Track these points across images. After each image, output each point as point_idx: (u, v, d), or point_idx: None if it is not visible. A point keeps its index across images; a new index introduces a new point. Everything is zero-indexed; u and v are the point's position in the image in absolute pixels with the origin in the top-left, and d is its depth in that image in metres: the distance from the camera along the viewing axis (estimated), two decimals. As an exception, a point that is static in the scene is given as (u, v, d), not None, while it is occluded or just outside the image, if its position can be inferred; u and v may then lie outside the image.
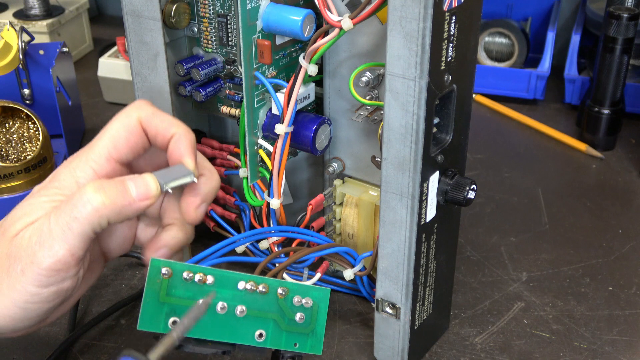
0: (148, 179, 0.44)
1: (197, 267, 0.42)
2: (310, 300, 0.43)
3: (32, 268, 0.41)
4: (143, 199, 0.43)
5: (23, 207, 0.44)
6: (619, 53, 0.78)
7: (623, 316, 0.59)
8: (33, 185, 0.70)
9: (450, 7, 0.43)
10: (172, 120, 0.46)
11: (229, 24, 0.54)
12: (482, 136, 0.87)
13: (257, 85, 0.54)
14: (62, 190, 0.44)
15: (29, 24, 0.98)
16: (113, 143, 0.45)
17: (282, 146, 0.53)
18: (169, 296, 0.41)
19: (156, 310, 0.41)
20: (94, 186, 0.42)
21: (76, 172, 0.45)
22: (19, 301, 0.42)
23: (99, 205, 0.42)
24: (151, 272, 0.41)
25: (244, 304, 0.42)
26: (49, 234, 0.41)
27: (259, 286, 0.42)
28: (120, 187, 0.43)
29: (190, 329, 0.41)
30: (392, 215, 0.48)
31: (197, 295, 0.41)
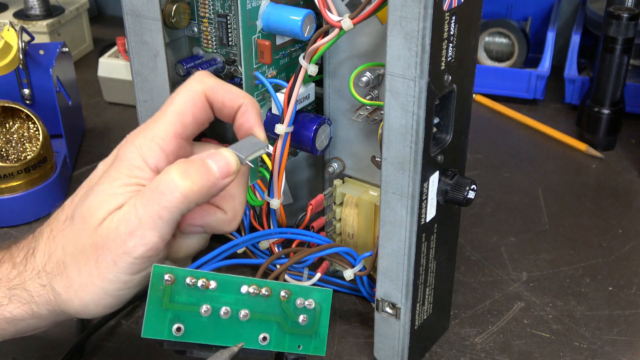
0: (227, 154, 0.43)
1: (200, 272, 0.42)
2: (312, 302, 0.43)
3: (125, 258, 0.41)
4: (225, 176, 0.43)
5: (98, 194, 0.43)
6: (619, 53, 0.78)
7: (623, 316, 0.59)
8: (33, 185, 0.70)
9: (450, 7, 0.43)
10: (238, 90, 0.45)
11: (229, 24, 0.54)
12: (482, 136, 0.87)
13: (257, 85, 0.54)
14: (132, 171, 0.43)
15: (29, 24, 0.98)
16: (180, 119, 0.44)
17: (282, 146, 0.53)
18: (172, 302, 0.41)
19: (160, 317, 0.41)
20: (179, 172, 0.41)
21: (143, 150, 0.43)
22: (111, 290, 0.42)
23: (187, 191, 0.41)
24: (154, 279, 0.41)
25: (247, 307, 0.42)
26: (138, 223, 0.41)
27: (262, 289, 0.42)
28: (204, 169, 0.42)
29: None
30: (392, 215, 0.48)
31: (201, 301, 0.41)
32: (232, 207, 0.46)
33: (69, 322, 0.58)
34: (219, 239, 0.64)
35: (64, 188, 0.75)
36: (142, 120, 0.58)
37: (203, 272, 0.42)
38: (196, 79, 0.45)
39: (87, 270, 0.42)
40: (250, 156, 0.44)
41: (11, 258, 0.45)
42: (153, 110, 0.56)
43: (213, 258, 0.51)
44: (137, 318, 0.58)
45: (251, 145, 0.44)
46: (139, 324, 0.58)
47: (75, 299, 0.43)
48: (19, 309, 0.44)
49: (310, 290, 0.43)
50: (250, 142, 0.44)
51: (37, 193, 0.71)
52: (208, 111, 0.45)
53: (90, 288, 0.42)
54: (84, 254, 0.42)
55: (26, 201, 0.70)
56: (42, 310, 0.44)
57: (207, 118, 0.45)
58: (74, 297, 0.43)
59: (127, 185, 0.43)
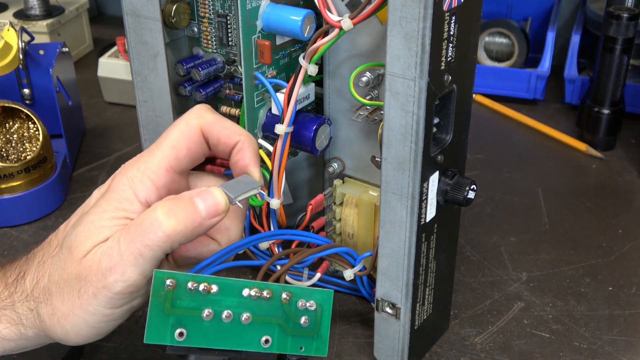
0: (216, 193, 0.42)
1: (201, 276, 0.42)
2: (314, 303, 0.43)
3: (104, 292, 0.41)
4: (212, 216, 0.42)
5: (86, 225, 0.43)
6: (619, 53, 0.78)
7: (623, 316, 0.59)
8: (33, 185, 0.70)
9: (450, 7, 0.43)
10: (234, 127, 0.45)
11: (229, 24, 0.54)
12: (482, 136, 0.87)
13: (257, 85, 0.54)
14: (121, 203, 0.43)
15: (29, 24, 0.98)
16: (174, 153, 0.44)
17: (282, 146, 0.53)
18: (174, 308, 0.41)
19: (162, 322, 0.41)
20: (164, 210, 0.41)
21: (134, 183, 0.43)
22: (92, 321, 0.42)
23: (171, 231, 0.41)
24: (155, 284, 0.40)
25: (249, 310, 0.42)
26: (119, 259, 0.41)
27: (263, 292, 0.42)
28: (191, 208, 0.41)
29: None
30: (392, 215, 0.48)
31: (202, 305, 0.41)
32: (227, 239, 0.46)
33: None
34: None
35: (64, 188, 0.75)
36: (142, 120, 0.58)
37: (204, 277, 0.42)
38: (194, 113, 0.45)
39: (69, 300, 0.42)
40: (241, 196, 0.43)
41: (4, 277, 0.45)
42: (153, 110, 0.56)
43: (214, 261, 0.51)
44: (137, 318, 0.58)
45: (244, 184, 0.44)
46: (139, 324, 0.58)
47: (58, 326, 0.43)
48: (8, 329, 0.44)
49: (311, 291, 0.43)
50: (243, 181, 0.44)
51: (37, 193, 0.71)
52: (204, 146, 0.45)
53: (72, 318, 0.42)
54: (68, 284, 0.42)
55: (26, 201, 0.70)
56: (29, 333, 0.44)
57: (202, 152, 0.45)
58: (57, 324, 0.43)
59: (114, 218, 0.42)
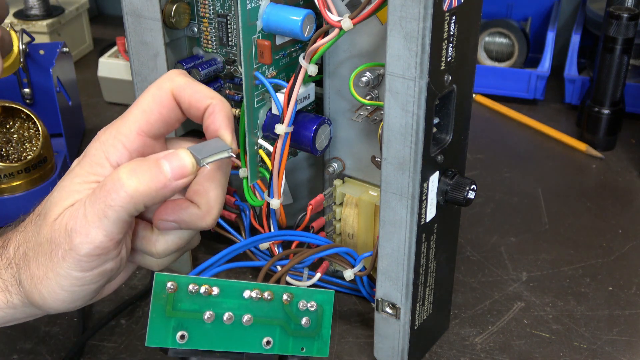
0: (183, 155, 0.42)
1: (202, 278, 0.42)
2: (314, 304, 0.43)
3: (72, 254, 0.41)
4: (178, 178, 0.42)
5: (60, 190, 0.43)
6: (619, 53, 0.78)
7: (623, 316, 0.59)
8: (33, 185, 0.70)
9: (450, 7, 0.43)
10: (206, 90, 0.44)
11: (229, 24, 0.54)
12: (482, 136, 0.87)
13: (257, 85, 0.54)
14: (93, 167, 0.43)
15: (29, 24, 0.98)
16: (145, 117, 0.43)
17: (282, 146, 0.53)
18: (175, 310, 0.41)
19: (163, 325, 0.41)
20: (127, 171, 0.41)
21: (106, 147, 0.43)
22: (65, 285, 0.42)
23: (133, 191, 0.40)
24: (156, 287, 0.40)
25: (250, 312, 0.42)
26: (84, 221, 0.41)
27: (264, 293, 0.42)
28: (155, 170, 0.41)
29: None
30: (392, 215, 0.48)
31: (204, 308, 0.41)
32: (206, 201, 0.45)
33: (68, 322, 0.58)
34: (218, 239, 0.64)
35: (64, 188, 0.74)
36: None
37: (205, 279, 0.42)
38: (166, 77, 0.44)
39: (43, 264, 0.42)
40: (209, 158, 0.42)
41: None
42: (153, 110, 0.56)
43: (214, 263, 0.51)
44: (137, 318, 0.58)
45: (214, 147, 0.43)
46: (139, 324, 0.58)
47: (35, 291, 0.43)
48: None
49: (312, 292, 0.43)
50: (213, 145, 0.43)
51: (37, 193, 0.71)
52: (176, 110, 0.44)
53: (46, 281, 0.42)
54: (41, 248, 0.42)
55: (26, 201, 0.70)
56: (15, 300, 0.44)
57: (175, 117, 0.45)
58: (34, 289, 0.43)
59: (85, 182, 0.43)
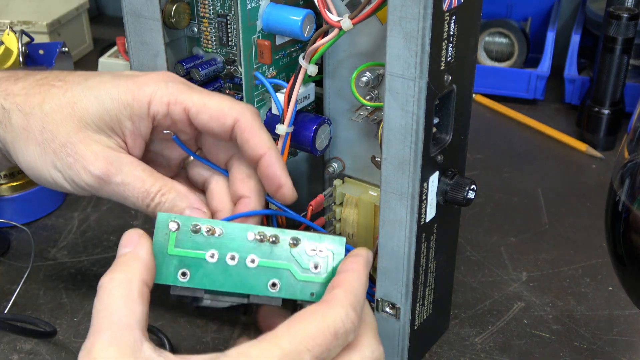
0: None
1: (205, 219, 0.42)
2: (324, 249, 0.42)
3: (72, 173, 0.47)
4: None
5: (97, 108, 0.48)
6: (619, 53, 0.78)
7: (623, 316, 0.59)
8: (33, 185, 0.70)
9: (450, 7, 0.43)
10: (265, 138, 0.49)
11: (229, 24, 0.54)
12: (482, 136, 0.87)
13: (257, 85, 0.54)
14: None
15: (29, 24, 0.98)
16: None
17: (282, 146, 0.53)
18: (177, 248, 0.41)
19: (166, 263, 0.41)
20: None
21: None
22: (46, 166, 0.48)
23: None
24: (158, 225, 0.41)
25: (255, 254, 0.41)
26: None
27: (270, 237, 0.42)
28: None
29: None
30: (392, 215, 0.48)
31: (206, 247, 0.41)
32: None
33: (68, 322, 0.58)
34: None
35: (64, 188, 0.75)
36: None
37: (208, 220, 0.42)
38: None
39: (47, 139, 0.47)
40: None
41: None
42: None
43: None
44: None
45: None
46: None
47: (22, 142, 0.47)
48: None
49: (321, 237, 0.43)
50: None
51: (37, 193, 0.71)
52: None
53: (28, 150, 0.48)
54: (56, 129, 0.47)
55: (26, 201, 0.70)
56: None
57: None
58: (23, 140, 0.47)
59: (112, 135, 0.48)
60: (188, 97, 0.47)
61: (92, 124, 0.47)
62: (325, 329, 0.36)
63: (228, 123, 0.47)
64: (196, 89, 0.49)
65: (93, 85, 0.47)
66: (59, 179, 0.47)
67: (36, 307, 0.60)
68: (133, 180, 0.47)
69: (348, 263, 0.41)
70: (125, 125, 0.47)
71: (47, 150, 0.47)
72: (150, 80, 0.48)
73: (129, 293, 0.36)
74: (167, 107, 0.47)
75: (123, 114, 0.47)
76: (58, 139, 0.46)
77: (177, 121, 0.48)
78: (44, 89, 0.47)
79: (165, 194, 0.47)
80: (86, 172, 0.46)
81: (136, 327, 0.35)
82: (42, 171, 0.47)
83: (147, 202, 0.47)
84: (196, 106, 0.47)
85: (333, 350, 0.37)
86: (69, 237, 0.68)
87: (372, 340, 0.40)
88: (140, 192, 0.47)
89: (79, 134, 0.46)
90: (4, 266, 0.65)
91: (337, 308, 0.37)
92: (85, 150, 0.46)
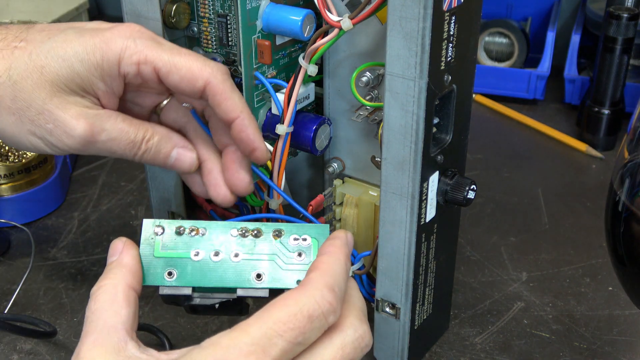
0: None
1: (189, 221, 0.43)
2: (308, 238, 0.43)
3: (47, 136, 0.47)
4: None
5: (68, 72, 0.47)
6: (619, 53, 0.78)
7: (623, 316, 0.59)
8: (33, 185, 0.70)
9: (450, 7, 0.43)
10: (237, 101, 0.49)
11: (229, 24, 0.54)
12: (482, 136, 0.87)
13: (257, 85, 0.54)
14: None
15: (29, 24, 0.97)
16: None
17: (282, 146, 0.53)
18: (163, 251, 0.42)
19: (153, 265, 0.42)
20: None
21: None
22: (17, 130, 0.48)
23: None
24: (144, 233, 0.42)
25: (239, 249, 0.42)
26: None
27: (253, 231, 0.42)
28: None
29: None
30: (392, 215, 0.48)
31: (190, 247, 0.42)
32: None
33: (68, 322, 0.58)
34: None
35: (64, 188, 0.75)
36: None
37: (191, 221, 0.43)
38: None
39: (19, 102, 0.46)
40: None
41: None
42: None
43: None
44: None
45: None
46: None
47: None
48: None
49: (304, 227, 0.43)
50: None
51: (37, 193, 0.71)
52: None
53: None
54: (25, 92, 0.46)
55: (26, 201, 0.70)
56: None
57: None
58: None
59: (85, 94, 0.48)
60: (158, 57, 0.46)
61: (64, 87, 0.46)
62: (298, 312, 0.36)
63: (199, 85, 0.47)
64: (166, 45, 0.48)
65: (57, 45, 0.46)
66: (39, 145, 0.47)
67: (36, 307, 0.60)
68: (118, 135, 0.47)
69: (325, 246, 0.41)
70: (98, 86, 0.47)
71: (23, 119, 0.46)
72: (117, 35, 0.46)
73: (114, 297, 0.38)
74: (137, 66, 0.46)
75: (94, 75, 0.46)
76: (33, 107, 0.46)
77: (147, 80, 0.48)
78: (6, 52, 0.46)
79: (149, 140, 0.48)
80: (69, 136, 0.46)
81: (120, 328, 0.37)
82: (20, 139, 0.47)
83: (134, 152, 0.48)
84: (166, 66, 0.47)
85: (310, 333, 0.36)
86: (69, 237, 0.68)
87: (355, 320, 0.39)
88: (126, 144, 0.48)
89: (53, 99, 0.46)
90: (4, 266, 0.65)
91: (311, 290, 0.37)
92: (65, 115, 0.46)
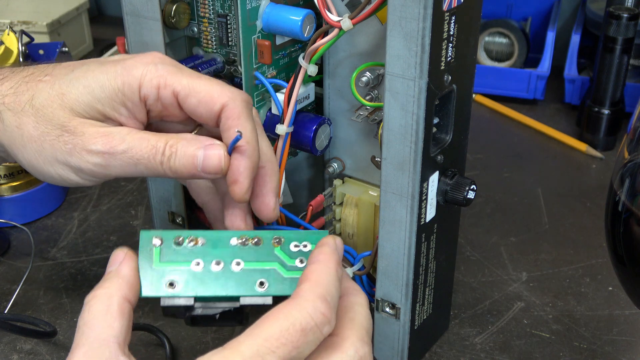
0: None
1: (187, 231, 0.42)
2: (308, 244, 0.42)
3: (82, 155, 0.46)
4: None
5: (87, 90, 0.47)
6: (619, 53, 0.78)
7: (623, 316, 0.59)
8: (33, 185, 0.70)
9: (450, 7, 0.43)
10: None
11: (229, 24, 0.54)
12: (482, 136, 0.87)
13: (257, 85, 0.54)
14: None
15: (29, 24, 0.98)
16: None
17: (282, 146, 0.53)
18: (162, 262, 0.41)
19: (153, 276, 0.41)
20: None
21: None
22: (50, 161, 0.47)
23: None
24: (142, 242, 0.41)
25: (239, 258, 0.42)
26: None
27: (252, 239, 0.42)
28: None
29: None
30: (392, 215, 0.48)
31: (190, 257, 0.41)
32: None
33: (68, 322, 0.58)
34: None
35: (64, 188, 0.75)
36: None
37: (190, 231, 0.42)
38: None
39: (44, 132, 0.46)
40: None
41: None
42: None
43: None
44: (137, 318, 0.58)
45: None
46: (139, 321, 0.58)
47: (18, 139, 0.46)
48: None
49: (304, 234, 0.43)
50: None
51: (37, 193, 0.71)
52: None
53: (36, 145, 0.46)
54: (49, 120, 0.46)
55: (26, 201, 0.70)
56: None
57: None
58: (18, 137, 0.46)
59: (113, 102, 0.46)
60: (177, 80, 0.45)
61: (84, 112, 0.45)
62: (290, 326, 0.35)
63: (216, 108, 0.45)
64: (186, 71, 0.47)
65: (80, 75, 0.46)
66: (63, 173, 0.46)
67: (36, 307, 0.60)
68: (138, 143, 0.45)
69: (314, 255, 0.40)
70: (120, 112, 0.46)
71: (44, 146, 0.46)
72: (139, 62, 0.46)
73: (107, 309, 0.37)
74: (157, 90, 0.45)
75: (115, 101, 0.45)
76: (53, 131, 0.45)
77: (167, 105, 0.46)
78: (31, 85, 0.46)
79: (173, 145, 0.45)
80: (89, 152, 0.45)
81: (112, 341, 0.36)
82: (44, 168, 0.46)
83: (160, 159, 0.45)
84: (185, 89, 0.45)
85: (304, 347, 0.35)
86: (69, 237, 0.68)
87: (357, 341, 0.38)
88: (148, 150, 0.45)
89: (72, 121, 0.45)
90: (4, 266, 0.65)
91: (303, 303, 0.36)
92: (83, 131, 0.45)
